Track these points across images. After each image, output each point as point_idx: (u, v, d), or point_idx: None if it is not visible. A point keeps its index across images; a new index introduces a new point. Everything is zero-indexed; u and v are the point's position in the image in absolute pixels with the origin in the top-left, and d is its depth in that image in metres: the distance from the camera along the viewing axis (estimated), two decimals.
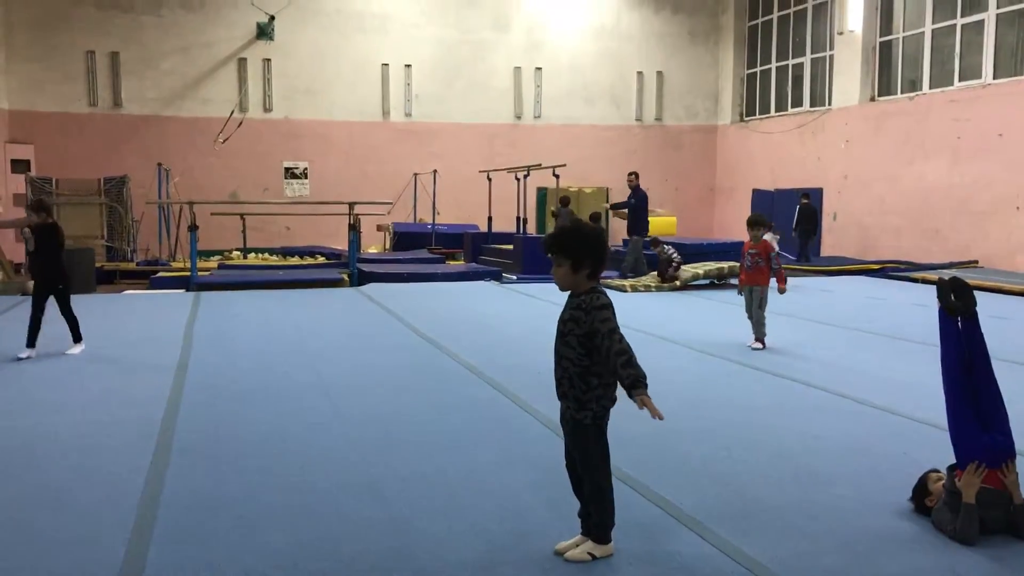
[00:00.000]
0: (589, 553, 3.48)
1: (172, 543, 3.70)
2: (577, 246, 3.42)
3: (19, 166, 19.73)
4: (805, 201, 19.24)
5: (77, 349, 8.14)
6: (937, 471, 4.00)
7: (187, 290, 13.48)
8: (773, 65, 23.36)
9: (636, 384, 3.23)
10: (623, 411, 3.60)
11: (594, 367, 3.40)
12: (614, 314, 3.36)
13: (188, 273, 14.20)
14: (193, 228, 14.19)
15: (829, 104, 21.03)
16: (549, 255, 3.47)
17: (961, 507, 3.67)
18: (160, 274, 14.87)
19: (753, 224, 8.50)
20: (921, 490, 3.98)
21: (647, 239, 15.21)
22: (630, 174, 16.02)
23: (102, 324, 10.02)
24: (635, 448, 4.89)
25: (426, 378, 7.00)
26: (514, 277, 15.20)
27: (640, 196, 15.55)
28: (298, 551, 3.56)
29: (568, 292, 3.51)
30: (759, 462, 4.84)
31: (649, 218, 16.18)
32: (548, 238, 3.54)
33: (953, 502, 3.73)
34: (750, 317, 8.54)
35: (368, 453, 4.92)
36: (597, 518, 3.51)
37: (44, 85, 20.55)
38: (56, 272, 8.10)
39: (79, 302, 11.88)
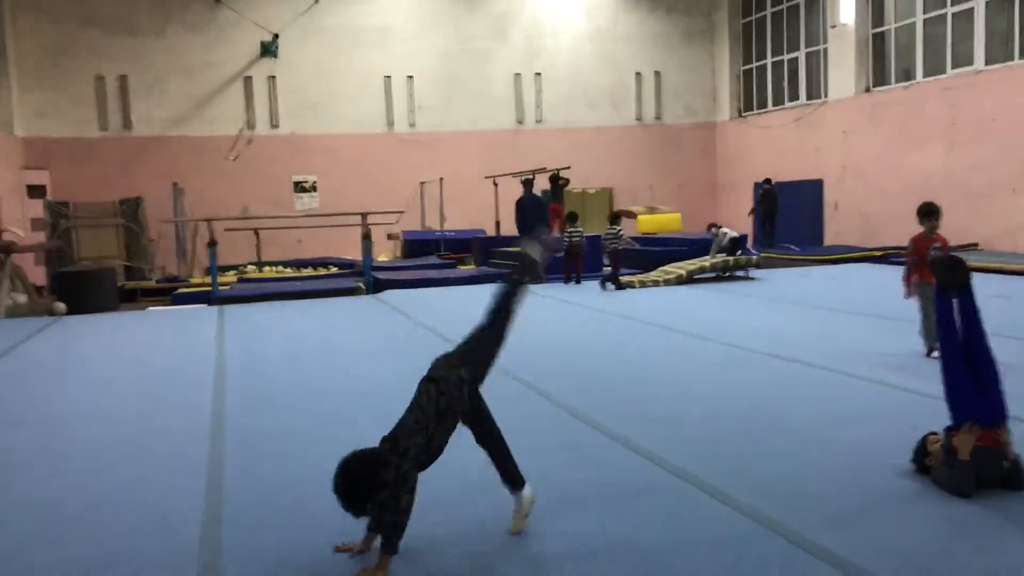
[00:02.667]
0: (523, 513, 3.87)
1: (241, 529, 4.07)
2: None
3: (35, 191, 20.17)
4: (768, 187, 20.10)
5: None
6: (935, 433, 4.36)
7: (209, 304, 13.88)
8: (768, 60, 23.73)
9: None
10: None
11: None
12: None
13: (208, 288, 14.60)
14: (212, 244, 14.59)
15: (825, 96, 21.39)
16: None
17: (957, 463, 4.04)
18: (181, 290, 15.27)
19: (929, 214, 7.56)
20: (921, 451, 4.34)
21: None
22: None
23: (136, 339, 10.42)
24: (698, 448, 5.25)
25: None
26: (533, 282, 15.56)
27: None
28: (356, 531, 3.90)
29: None
30: (777, 435, 5.23)
31: (653, 216, 16.57)
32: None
33: (950, 460, 4.09)
34: (926, 318, 7.26)
35: None
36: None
37: (56, 111, 20.99)
38: None
39: (105, 321, 12.36)
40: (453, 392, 3.70)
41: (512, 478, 3.90)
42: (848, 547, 3.56)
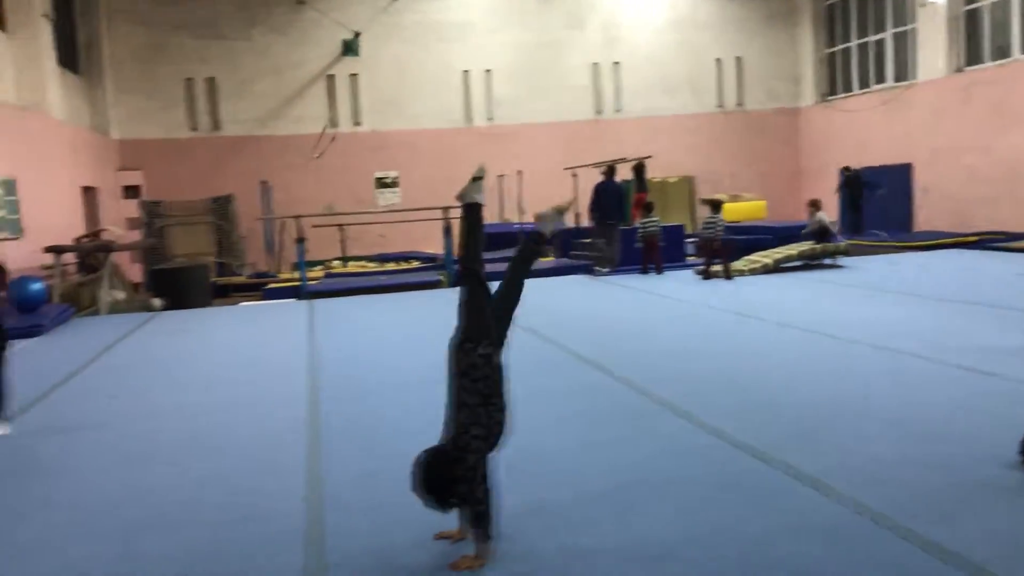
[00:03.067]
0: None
1: (342, 514, 4.20)
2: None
3: (131, 191, 20.95)
4: (848, 172, 19.92)
5: (6, 429, 6.13)
6: None
7: (298, 299, 14.23)
8: (854, 42, 23.11)
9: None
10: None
11: None
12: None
13: (297, 283, 14.96)
14: (300, 240, 14.95)
15: (914, 78, 20.74)
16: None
17: None
18: (271, 285, 15.69)
19: None
20: None
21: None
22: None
23: (231, 333, 10.76)
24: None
25: (537, 367, 7.43)
26: (606, 270, 15.51)
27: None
28: (452, 517, 3.97)
29: None
30: (876, 425, 5.14)
31: (737, 204, 16.28)
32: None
33: None
34: None
35: None
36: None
37: (149, 114, 21.73)
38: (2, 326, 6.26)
39: (200, 316, 12.79)
40: (486, 373, 3.68)
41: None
42: (957, 540, 3.49)
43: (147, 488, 4.79)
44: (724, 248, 13.72)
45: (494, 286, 3.86)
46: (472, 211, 3.91)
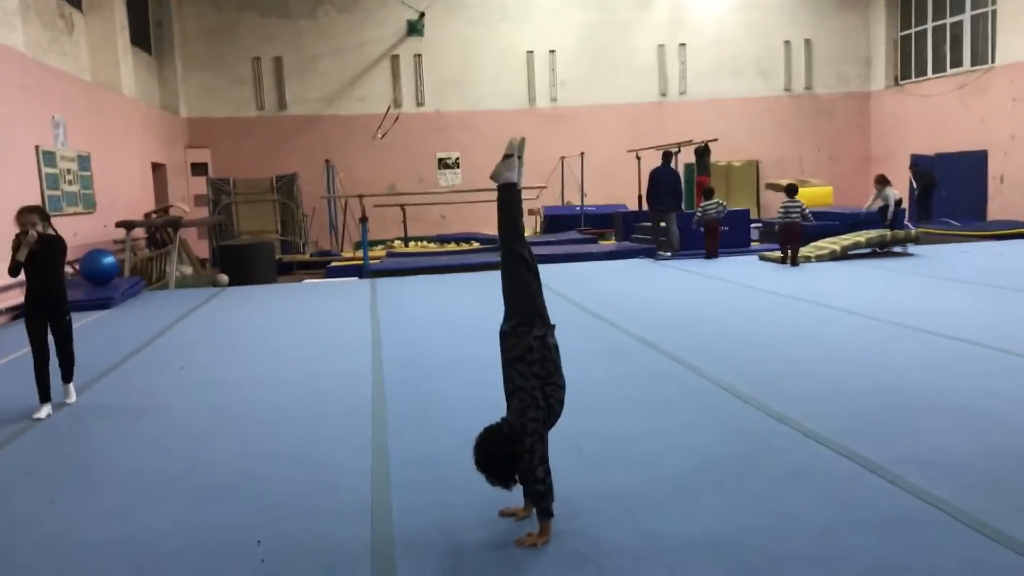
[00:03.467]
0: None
1: (408, 488, 4.25)
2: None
3: (198, 169, 21.36)
4: (916, 168, 19.94)
5: (72, 396, 6.36)
6: None
7: (360, 277, 14.38)
8: (929, 25, 22.44)
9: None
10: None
11: None
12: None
13: (359, 262, 15.12)
14: (364, 219, 15.08)
15: (992, 62, 20.06)
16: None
17: None
18: (334, 264, 15.87)
19: None
20: None
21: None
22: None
23: (296, 310, 10.92)
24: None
25: (604, 352, 7.40)
26: (668, 254, 15.37)
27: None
28: (516, 494, 3.96)
29: None
30: (948, 416, 5.02)
31: (803, 189, 15.99)
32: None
33: None
34: None
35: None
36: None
37: (216, 92, 22.09)
38: (60, 298, 6.22)
39: (265, 292, 12.99)
40: (543, 355, 3.63)
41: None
42: None
43: (214, 459, 4.89)
44: (790, 232, 13.45)
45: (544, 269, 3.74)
46: (507, 191, 3.79)
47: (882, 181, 14.74)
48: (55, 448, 5.37)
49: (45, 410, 6.01)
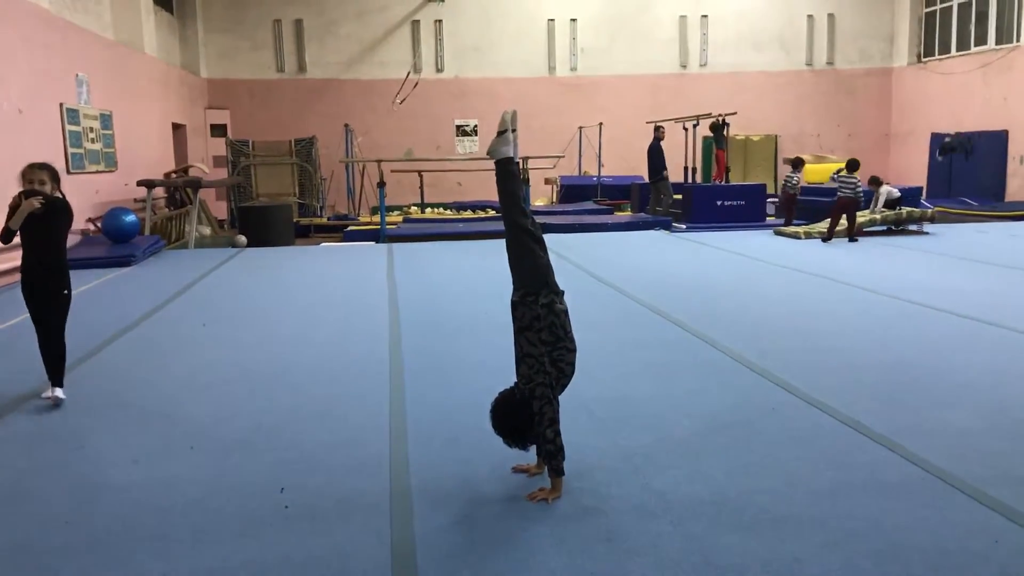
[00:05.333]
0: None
1: (424, 444, 4.39)
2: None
3: (218, 130, 21.46)
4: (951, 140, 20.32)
5: (59, 392, 5.26)
6: None
7: (377, 242, 14.50)
8: (954, 1, 22.21)
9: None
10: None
11: None
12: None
13: (376, 227, 15.24)
14: (381, 184, 15.18)
15: (1018, 40, 19.87)
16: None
17: None
18: (351, 228, 16.00)
19: None
20: None
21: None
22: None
23: (314, 272, 11.06)
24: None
25: (617, 320, 7.52)
26: (683, 226, 15.43)
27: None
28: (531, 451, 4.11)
29: None
30: (951, 391, 5.12)
31: (821, 165, 16.03)
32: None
33: None
34: None
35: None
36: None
37: (237, 54, 22.13)
38: (59, 271, 5.28)
39: (283, 254, 13.14)
40: (551, 322, 3.73)
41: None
42: None
43: (238, 412, 5.05)
44: (847, 207, 13.19)
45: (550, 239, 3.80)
46: (504, 166, 3.85)
47: (875, 182, 14.64)
48: (83, 396, 5.49)
49: (59, 391, 5.29)
